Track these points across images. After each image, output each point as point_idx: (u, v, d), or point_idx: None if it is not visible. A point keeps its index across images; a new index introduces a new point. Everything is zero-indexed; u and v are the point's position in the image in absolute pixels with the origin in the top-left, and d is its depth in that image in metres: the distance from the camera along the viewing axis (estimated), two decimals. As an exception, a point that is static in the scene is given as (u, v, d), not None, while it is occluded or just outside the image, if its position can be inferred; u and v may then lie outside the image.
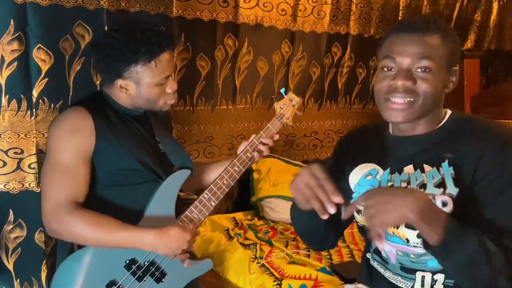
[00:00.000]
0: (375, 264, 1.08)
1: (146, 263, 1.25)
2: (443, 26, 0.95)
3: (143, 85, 1.27)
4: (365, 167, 1.07)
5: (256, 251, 1.73)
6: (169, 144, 1.41)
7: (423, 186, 0.95)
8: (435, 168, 0.94)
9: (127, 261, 1.23)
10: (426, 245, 0.85)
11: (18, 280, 1.60)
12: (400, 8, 2.67)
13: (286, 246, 1.83)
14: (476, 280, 0.84)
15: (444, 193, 0.91)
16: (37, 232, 1.59)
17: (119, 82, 1.27)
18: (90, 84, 1.66)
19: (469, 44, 3.08)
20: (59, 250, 1.34)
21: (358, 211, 1.06)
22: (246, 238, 1.89)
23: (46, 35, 1.54)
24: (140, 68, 1.24)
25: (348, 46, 2.51)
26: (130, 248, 1.21)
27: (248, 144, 1.36)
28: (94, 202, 1.26)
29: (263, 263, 1.65)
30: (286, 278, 1.54)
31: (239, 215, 2.18)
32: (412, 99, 0.92)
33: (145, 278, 1.24)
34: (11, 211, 1.56)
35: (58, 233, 1.23)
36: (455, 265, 0.84)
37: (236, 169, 1.33)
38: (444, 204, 0.91)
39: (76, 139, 1.22)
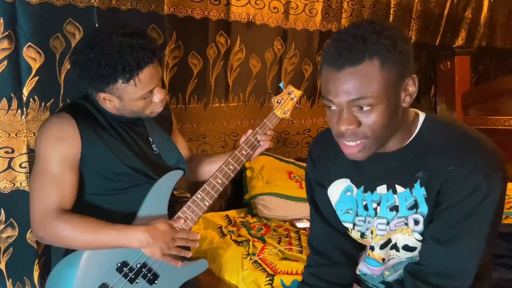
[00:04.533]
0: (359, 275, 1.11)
1: (138, 265, 1.24)
2: (382, 40, 0.80)
3: (126, 100, 1.23)
4: (342, 183, 1.03)
5: (249, 247, 1.73)
6: (163, 144, 1.39)
7: (395, 208, 0.93)
8: (408, 189, 0.91)
9: (119, 264, 1.23)
10: None
11: (10, 280, 1.59)
12: (392, 6, 2.68)
13: (279, 242, 1.84)
14: None
15: (416, 212, 0.91)
16: (29, 231, 1.58)
17: (102, 95, 1.24)
18: (81, 83, 1.65)
19: (460, 41, 3.10)
20: (53, 254, 1.34)
21: (350, 230, 1.05)
22: (239, 235, 1.89)
23: (36, 34, 1.53)
24: (120, 86, 1.19)
25: (340, 44, 2.51)
26: (119, 246, 1.20)
27: (244, 141, 1.36)
28: (84, 208, 1.25)
29: (255, 260, 1.65)
30: (278, 273, 1.55)
31: (232, 213, 2.19)
32: (362, 140, 0.86)
33: (137, 280, 1.24)
34: (2, 211, 1.56)
35: (47, 240, 1.24)
36: None
37: (231, 167, 1.33)
38: (416, 222, 0.91)
39: (61, 147, 1.21)
